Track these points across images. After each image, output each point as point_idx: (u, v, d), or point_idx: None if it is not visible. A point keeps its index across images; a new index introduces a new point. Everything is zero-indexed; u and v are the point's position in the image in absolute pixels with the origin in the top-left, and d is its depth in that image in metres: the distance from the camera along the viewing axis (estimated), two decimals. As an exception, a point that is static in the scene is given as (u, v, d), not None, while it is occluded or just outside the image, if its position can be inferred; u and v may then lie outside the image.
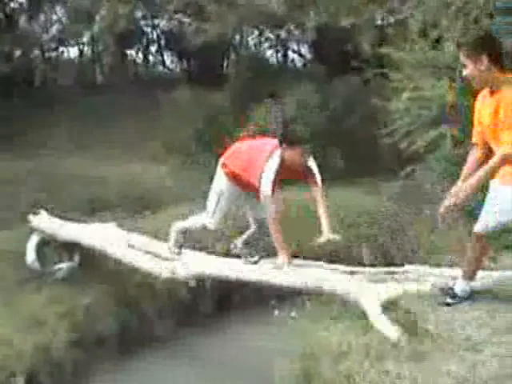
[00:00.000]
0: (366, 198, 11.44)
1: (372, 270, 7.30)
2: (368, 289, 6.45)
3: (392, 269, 7.18)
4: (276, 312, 6.86)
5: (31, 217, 9.61)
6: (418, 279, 6.93)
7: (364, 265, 8.02)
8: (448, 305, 6.20)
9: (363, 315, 6.31)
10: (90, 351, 8.41)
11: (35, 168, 13.15)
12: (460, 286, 6.25)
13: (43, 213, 9.68)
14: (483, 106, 5.76)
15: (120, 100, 17.04)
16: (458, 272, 6.90)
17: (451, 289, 6.26)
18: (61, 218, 9.67)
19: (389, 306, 6.23)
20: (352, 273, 7.20)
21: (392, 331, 5.85)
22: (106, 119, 16.36)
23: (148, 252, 8.47)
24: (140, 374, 8.39)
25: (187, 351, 8.78)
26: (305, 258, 7.69)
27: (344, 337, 5.96)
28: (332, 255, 8.33)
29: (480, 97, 5.84)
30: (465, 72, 5.70)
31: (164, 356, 8.70)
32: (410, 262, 7.65)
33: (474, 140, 5.93)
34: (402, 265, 7.41)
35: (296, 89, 14.83)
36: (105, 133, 15.62)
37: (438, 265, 7.56)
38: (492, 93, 5.62)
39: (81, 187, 12.19)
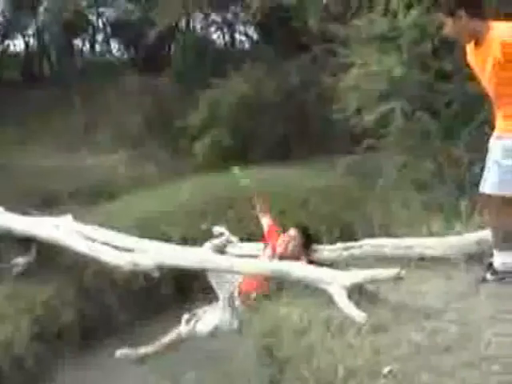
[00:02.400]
0: (321, 176, 11.47)
1: (329, 246, 7.34)
2: (334, 276, 6.45)
3: (348, 244, 7.24)
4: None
5: (-15, 214, 9.49)
6: (375, 252, 7.04)
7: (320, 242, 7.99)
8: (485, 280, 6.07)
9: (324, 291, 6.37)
10: (52, 344, 8.37)
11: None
12: (499, 260, 6.05)
13: (-2, 208, 9.57)
14: (476, 62, 5.68)
15: (68, 91, 16.87)
16: (414, 241, 7.03)
17: (490, 264, 6.11)
18: (14, 212, 9.55)
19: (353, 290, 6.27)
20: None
21: (359, 316, 5.88)
22: (55, 110, 16.18)
23: (106, 243, 8.42)
24: (102, 365, 8.36)
25: (149, 339, 8.74)
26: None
27: (305, 312, 6.00)
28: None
29: (469, 54, 5.77)
30: (445, 30, 5.66)
31: (126, 345, 8.65)
32: (368, 236, 7.67)
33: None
34: (358, 239, 7.50)
35: (246, 69, 14.81)
36: (53, 124, 15.47)
37: (394, 236, 7.64)
38: (477, 45, 5.56)
39: (32, 180, 12.08)
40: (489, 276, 6.08)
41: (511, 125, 5.67)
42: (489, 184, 5.75)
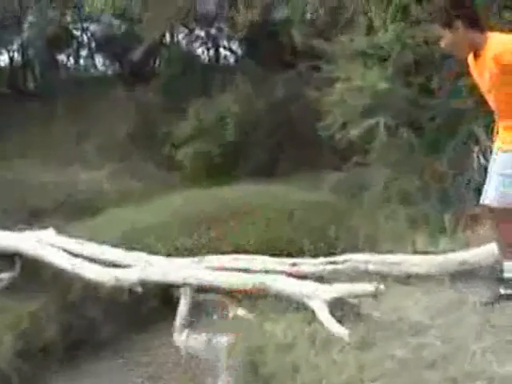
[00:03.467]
0: (306, 191, 11.48)
1: (313, 260, 7.35)
2: (315, 290, 6.46)
3: (333, 258, 7.25)
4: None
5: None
6: (359, 267, 7.05)
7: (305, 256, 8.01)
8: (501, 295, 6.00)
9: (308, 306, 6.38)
10: (36, 359, 8.31)
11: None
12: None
13: (-19, 225, 9.54)
14: (476, 74, 5.63)
15: (53, 105, 16.84)
16: (399, 258, 7.06)
17: (501, 278, 6.02)
18: (-1, 227, 9.53)
19: (336, 305, 6.28)
20: (294, 264, 7.27)
21: (341, 331, 5.90)
22: (39, 125, 16.15)
23: (91, 257, 8.41)
24: (87, 378, 8.32)
25: (134, 352, 8.74)
26: (247, 252, 7.76)
27: (289, 328, 6.00)
28: (274, 248, 8.30)
29: (471, 66, 5.71)
30: (442, 44, 5.59)
31: (110, 358, 8.65)
32: (352, 251, 7.69)
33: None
34: (343, 254, 7.51)
35: (232, 85, 14.84)
36: (38, 139, 15.43)
37: (380, 251, 7.65)
38: (476, 56, 5.51)
39: (15, 194, 12.01)
40: (502, 290, 6.02)
41: None
42: (490, 196, 5.74)
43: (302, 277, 6.95)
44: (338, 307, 6.27)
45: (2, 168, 13.11)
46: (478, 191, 6.08)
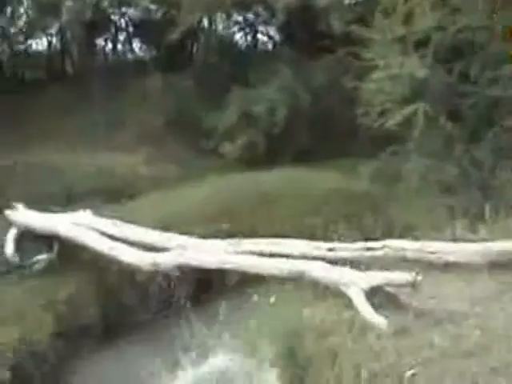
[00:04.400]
0: (343, 178, 11.43)
1: (350, 246, 7.26)
2: (352, 278, 6.43)
3: (371, 244, 7.17)
4: (255, 297, 6.84)
5: (7, 211, 9.52)
6: (397, 254, 6.99)
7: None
8: None
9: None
10: (73, 340, 8.38)
11: (5, 161, 13.02)
12: None
13: (19, 206, 9.59)
14: None
15: (90, 90, 16.88)
16: (437, 246, 6.98)
17: None
18: (36, 210, 9.59)
19: (373, 292, 6.25)
20: (331, 249, 7.20)
21: (378, 319, 5.87)
22: (77, 110, 16.23)
23: (127, 240, 8.44)
24: (121, 360, 8.38)
25: (167, 336, 8.76)
26: (285, 236, 7.73)
27: (327, 314, 5.98)
28: (310, 234, 8.25)
29: None
30: None
31: (145, 341, 8.69)
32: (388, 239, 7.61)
33: None
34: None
35: (271, 72, 14.75)
36: (76, 123, 15.51)
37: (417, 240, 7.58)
38: None
39: (54, 178, 12.10)
40: None
41: None
42: None
43: (339, 262, 6.89)
44: (376, 295, 6.22)
45: (40, 152, 13.20)
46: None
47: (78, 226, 8.98)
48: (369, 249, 7.12)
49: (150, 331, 8.89)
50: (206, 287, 9.31)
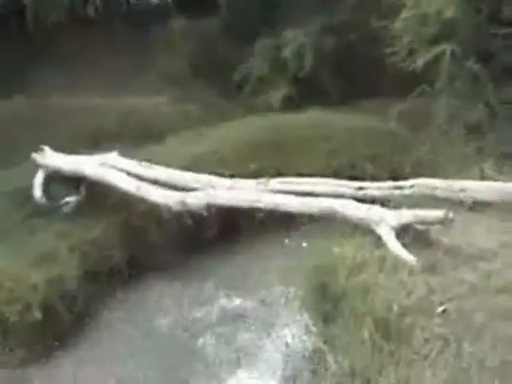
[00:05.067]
0: (372, 120, 11.32)
1: (380, 184, 7.22)
2: (382, 216, 6.41)
3: (400, 183, 7.13)
4: (286, 241, 6.83)
5: (35, 154, 9.54)
6: (426, 192, 6.95)
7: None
8: None
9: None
10: (101, 281, 8.47)
11: (31, 104, 13.01)
12: None
13: (46, 149, 9.60)
14: None
15: (113, 33, 16.79)
16: (466, 185, 6.94)
17: None
18: (63, 152, 9.61)
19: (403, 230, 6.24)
20: (360, 188, 7.18)
21: (408, 257, 5.86)
22: (100, 53, 16.14)
23: (155, 181, 8.44)
24: (148, 303, 8.53)
25: (197, 276, 8.83)
26: (311, 175, 7.71)
27: (358, 251, 5.99)
28: (336, 174, 8.21)
29: None
30: None
31: (172, 282, 8.76)
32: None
33: None
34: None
35: (297, 14, 14.53)
36: (99, 66, 15.42)
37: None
38: None
39: (79, 121, 12.06)
40: None
41: None
42: None
43: (368, 201, 6.87)
44: (406, 232, 6.21)
45: (65, 94, 13.17)
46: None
47: (106, 167, 8.99)
48: (398, 187, 7.10)
49: (177, 272, 8.94)
50: (233, 228, 9.34)
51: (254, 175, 8.46)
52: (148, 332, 7.94)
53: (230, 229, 9.24)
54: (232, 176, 8.40)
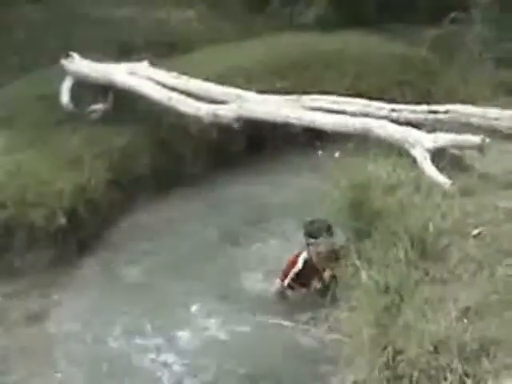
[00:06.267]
0: (402, 46, 11.17)
1: (414, 107, 7.12)
2: (418, 138, 6.37)
3: (434, 107, 7.04)
4: (319, 153, 6.78)
5: (63, 60, 9.47)
6: (461, 119, 6.87)
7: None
8: None
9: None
10: (126, 190, 8.51)
11: (58, 12, 12.86)
12: None
13: (75, 55, 9.53)
14: None
15: None
16: (502, 113, 6.85)
17: None
18: (92, 60, 9.54)
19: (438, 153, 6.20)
20: (393, 110, 7.09)
21: (443, 180, 5.84)
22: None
23: (185, 92, 8.38)
24: (173, 212, 8.57)
25: (221, 190, 8.85)
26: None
27: (393, 171, 5.98)
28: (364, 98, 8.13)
29: None
30: None
31: (196, 195, 8.82)
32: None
33: None
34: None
35: None
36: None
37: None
38: None
39: (107, 31, 11.90)
40: None
41: None
42: None
43: (401, 124, 6.81)
44: (441, 157, 6.18)
45: (94, 4, 13.01)
46: None
47: (136, 76, 8.92)
48: (432, 112, 6.99)
49: (202, 185, 8.96)
50: (260, 143, 9.33)
51: (285, 92, 8.36)
52: (173, 233, 8.04)
53: (258, 144, 9.26)
54: (261, 92, 8.29)
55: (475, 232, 5.00)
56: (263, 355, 5.84)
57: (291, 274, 6.40)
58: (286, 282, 6.45)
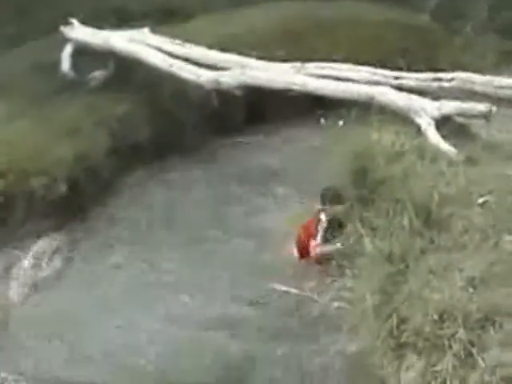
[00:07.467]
0: (404, 14, 11.03)
1: (418, 75, 7.03)
2: (423, 106, 6.29)
3: (439, 75, 6.95)
4: (322, 120, 6.71)
5: (63, 27, 9.36)
6: (465, 87, 6.79)
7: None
8: None
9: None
10: (126, 158, 8.43)
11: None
12: None
13: (75, 22, 9.41)
14: None
15: None
16: (507, 81, 6.78)
17: None
18: (92, 27, 9.42)
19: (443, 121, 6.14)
20: (397, 78, 7.00)
21: (448, 148, 5.78)
22: None
23: (187, 59, 8.27)
24: (172, 180, 8.56)
25: (223, 157, 8.80)
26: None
27: (397, 139, 5.91)
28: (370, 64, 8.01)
29: None
30: None
31: (196, 164, 8.75)
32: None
33: None
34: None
35: None
36: None
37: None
38: None
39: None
40: None
41: None
42: None
43: (406, 91, 6.72)
44: (446, 125, 6.11)
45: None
46: None
47: (136, 43, 8.81)
48: (436, 79, 6.90)
49: (202, 154, 8.91)
50: (261, 111, 9.25)
51: (286, 58, 8.25)
52: (170, 205, 8.02)
53: (259, 113, 9.18)
54: (261, 58, 8.18)
55: (480, 201, 4.95)
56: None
57: (320, 232, 6.29)
58: (319, 239, 6.33)
